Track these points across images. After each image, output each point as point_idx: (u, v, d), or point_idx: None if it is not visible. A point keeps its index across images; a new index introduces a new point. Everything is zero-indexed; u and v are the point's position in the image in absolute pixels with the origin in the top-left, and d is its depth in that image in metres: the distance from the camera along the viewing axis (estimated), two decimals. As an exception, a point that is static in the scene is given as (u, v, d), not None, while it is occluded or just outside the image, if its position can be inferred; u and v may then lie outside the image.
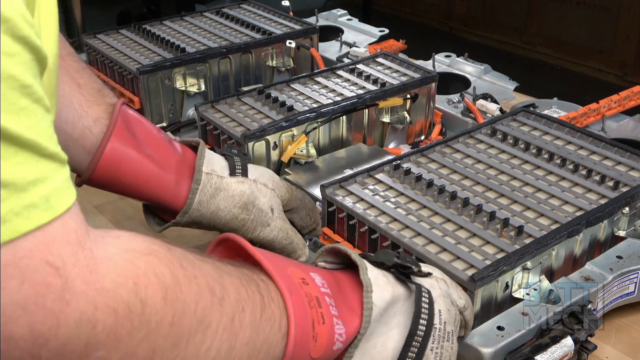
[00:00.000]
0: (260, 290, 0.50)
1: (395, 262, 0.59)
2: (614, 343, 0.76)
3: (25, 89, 0.37)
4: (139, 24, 1.34)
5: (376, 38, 1.49)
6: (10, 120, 0.36)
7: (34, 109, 0.38)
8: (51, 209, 0.38)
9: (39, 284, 0.37)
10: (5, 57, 0.36)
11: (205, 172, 0.75)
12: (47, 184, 0.38)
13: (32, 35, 0.38)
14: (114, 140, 0.72)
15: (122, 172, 0.73)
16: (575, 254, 0.79)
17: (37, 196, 0.37)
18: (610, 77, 3.44)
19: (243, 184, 0.77)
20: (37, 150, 0.37)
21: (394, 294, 0.58)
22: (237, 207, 0.76)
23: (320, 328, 0.52)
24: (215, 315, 0.46)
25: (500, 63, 1.44)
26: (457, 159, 0.92)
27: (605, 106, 1.14)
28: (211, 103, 1.05)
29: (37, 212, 0.37)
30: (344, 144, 1.07)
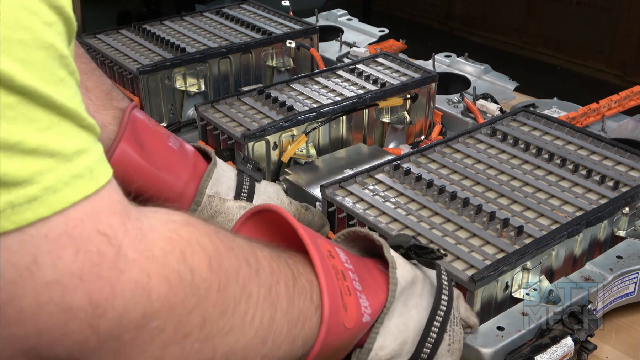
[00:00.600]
0: (289, 265, 0.51)
1: (413, 242, 0.60)
2: (614, 343, 0.76)
3: (63, 60, 0.37)
4: (139, 24, 1.34)
5: (376, 38, 1.49)
6: (54, 90, 0.35)
7: (69, 80, 0.38)
8: (95, 179, 0.37)
9: (93, 253, 0.36)
10: (44, 25, 0.36)
11: (208, 194, 0.74)
12: (89, 155, 0.37)
13: (66, 5, 0.38)
14: (121, 149, 0.71)
15: (127, 181, 0.72)
16: (575, 254, 0.79)
17: (82, 166, 0.37)
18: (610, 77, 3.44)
19: (245, 209, 0.75)
20: (77, 121, 0.37)
21: (414, 275, 0.59)
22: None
23: (348, 299, 0.52)
24: (254, 285, 0.46)
25: (500, 63, 1.44)
26: (457, 159, 0.92)
27: (605, 106, 1.14)
28: (211, 103, 1.05)
29: (84, 182, 0.36)
30: (344, 144, 1.07)
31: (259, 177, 0.81)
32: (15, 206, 0.33)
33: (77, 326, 0.36)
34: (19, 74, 0.34)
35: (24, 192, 0.34)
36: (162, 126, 0.79)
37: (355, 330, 0.53)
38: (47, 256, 0.35)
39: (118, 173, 0.71)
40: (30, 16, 0.35)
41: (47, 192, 0.35)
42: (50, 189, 0.35)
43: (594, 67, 3.51)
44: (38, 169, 0.34)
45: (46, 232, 0.35)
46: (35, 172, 0.34)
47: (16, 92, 0.33)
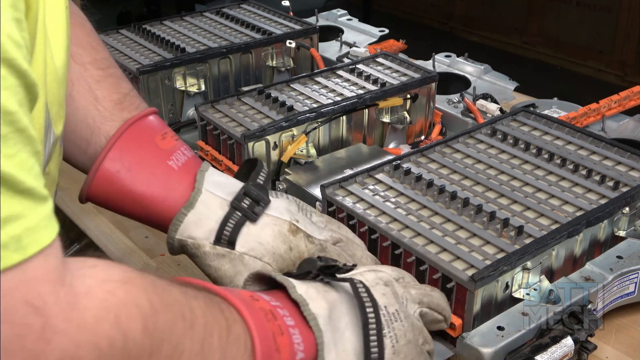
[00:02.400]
0: (224, 313, 0.50)
1: (320, 265, 0.58)
2: (614, 343, 0.76)
3: (7, 116, 0.35)
4: (139, 24, 1.34)
5: (376, 38, 1.49)
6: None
7: (14, 137, 0.36)
8: (22, 249, 0.36)
9: (17, 325, 0.35)
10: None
11: (178, 238, 0.68)
12: (20, 223, 0.36)
13: (19, 58, 0.36)
14: (103, 169, 0.68)
15: (112, 202, 0.70)
16: (575, 254, 0.79)
17: (7, 236, 0.35)
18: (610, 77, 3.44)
19: (223, 257, 0.67)
20: (11, 185, 0.35)
21: (328, 301, 0.57)
22: (212, 277, 0.69)
23: (281, 339, 0.52)
24: (187, 341, 0.46)
25: (500, 63, 1.44)
26: (457, 159, 0.92)
27: (605, 106, 1.14)
28: (211, 103, 1.05)
29: (7, 253, 0.35)
30: (344, 144, 1.07)
31: (256, 212, 0.69)
32: None
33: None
34: None
35: None
36: (174, 136, 0.73)
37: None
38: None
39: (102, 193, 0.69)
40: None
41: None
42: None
43: (594, 67, 3.51)
44: None
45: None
46: None
47: None
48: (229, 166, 0.98)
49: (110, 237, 0.99)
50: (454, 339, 0.70)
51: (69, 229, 1.06)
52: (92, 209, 1.03)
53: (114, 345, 0.40)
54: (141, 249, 0.96)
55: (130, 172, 0.69)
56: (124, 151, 0.69)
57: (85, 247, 1.06)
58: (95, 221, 1.02)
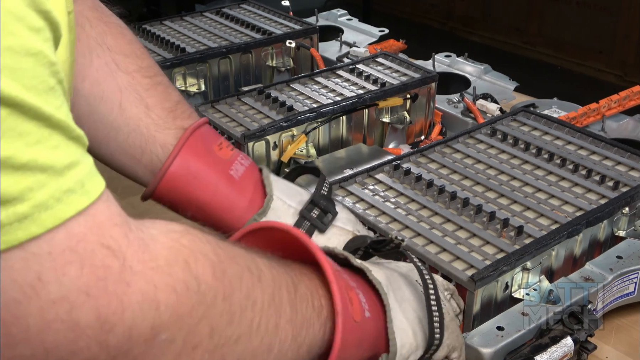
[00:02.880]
0: (288, 272, 0.50)
1: (369, 240, 0.60)
2: (614, 343, 0.76)
3: (52, 67, 0.36)
4: (139, 24, 1.34)
5: (376, 38, 1.49)
6: (43, 100, 0.34)
7: (58, 89, 0.36)
8: (87, 193, 0.36)
9: (98, 267, 0.35)
10: (32, 31, 0.34)
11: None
12: (80, 168, 0.36)
13: (52, 10, 0.36)
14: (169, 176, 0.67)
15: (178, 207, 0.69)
16: (575, 254, 0.79)
17: (73, 180, 0.35)
18: (610, 77, 3.44)
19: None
20: (67, 133, 0.36)
21: (384, 274, 0.58)
22: None
23: (352, 294, 0.52)
24: (257, 292, 0.46)
25: (500, 63, 1.44)
26: (457, 159, 0.92)
27: (605, 106, 1.14)
28: (211, 103, 1.05)
29: (76, 197, 0.35)
30: (344, 144, 1.07)
31: (322, 227, 0.70)
32: (5, 225, 0.32)
33: (86, 343, 0.35)
34: (7, 84, 0.32)
35: (14, 210, 0.33)
36: (229, 145, 0.73)
37: (362, 326, 0.52)
38: (51, 273, 0.34)
39: (166, 196, 0.68)
40: (17, 22, 0.34)
41: (38, 209, 0.33)
42: (42, 205, 0.34)
43: (594, 67, 3.51)
44: (29, 185, 0.33)
45: (49, 249, 0.34)
46: (26, 189, 0.33)
47: (4, 104, 0.32)
48: (229, 166, 0.98)
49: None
50: (454, 339, 0.70)
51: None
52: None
53: (189, 288, 0.40)
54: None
55: (196, 180, 0.69)
56: (188, 158, 0.69)
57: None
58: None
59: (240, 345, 0.43)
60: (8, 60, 0.33)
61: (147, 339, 0.37)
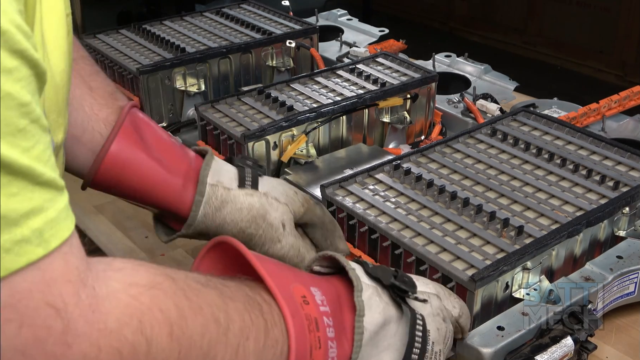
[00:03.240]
0: (264, 315, 0.49)
1: (392, 282, 0.58)
2: (614, 343, 0.76)
3: (23, 108, 0.35)
4: (139, 24, 1.34)
5: (376, 38, 1.49)
6: (7, 145, 0.33)
7: (31, 129, 0.35)
8: (45, 243, 0.35)
9: (38, 327, 0.35)
10: (2, 73, 0.34)
11: (210, 183, 0.71)
12: (42, 216, 0.35)
13: (29, 48, 0.36)
14: (120, 141, 0.69)
15: (128, 174, 0.70)
16: (576, 254, 0.79)
17: (30, 230, 0.34)
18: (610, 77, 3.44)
19: (252, 196, 0.72)
20: (32, 178, 0.35)
21: (385, 317, 0.57)
22: (245, 221, 0.71)
23: (317, 353, 0.51)
24: (220, 347, 0.45)
25: (500, 63, 1.44)
26: (457, 159, 0.92)
27: (605, 106, 1.14)
28: (211, 103, 1.05)
29: (30, 248, 0.34)
30: (344, 144, 1.07)
31: (261, 170, 0.77)
32: None
33: None
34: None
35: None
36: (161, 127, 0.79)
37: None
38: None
39: (116, 167, 0.69)
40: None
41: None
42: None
43: (594, 67, 3.51)
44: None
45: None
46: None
47: None
48: (229, 166, 0.98)
49: (110, 237, 0.99)
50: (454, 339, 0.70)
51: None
52: (92, 209, 1.03)
53: (137, 351, 0.39)
54: (141, 249, 0.96)
55: (143, 142, 0.71)
56: (134, 125, 0.71)
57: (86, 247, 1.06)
58: (95, 221, 1.02)
59: None
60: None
61: None
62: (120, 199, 0.75)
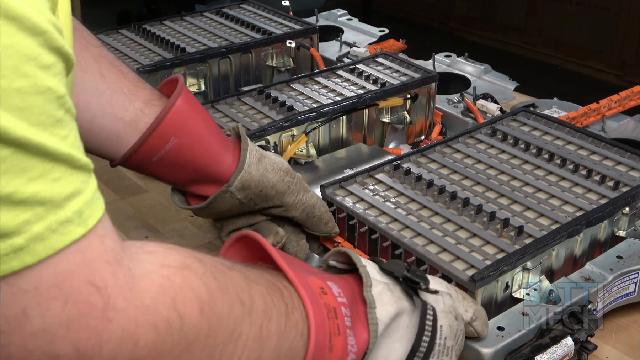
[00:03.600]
0: (284, 299, 0.51)
1: (405, 275, 0.59)
2: (614, 343, 0.76)
3: (60, 100, 0.37)
4: (139, 24, 1.34)
5: (376, 38, 1.49)
6: (48, 135, 0.36)
7: (67, 119, 0.38)
8: (84, 222, 0.38)
9: (82, 304, 0.37)
10: (42, 70, 0.36)
11: (250, 143, 0.78)
12: (81, 197, 0.38)
13: (65, 45, 0.38)
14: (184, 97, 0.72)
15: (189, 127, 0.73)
16: (576, 254, 0.79)
17: (72, 211, 0.37)
18: (610, 77, 3.44)
19: (279, 157, 0.81)
20: (71, 163, 0.37)
21: (398, 309, 0.58)
22: (282, 170, 0.79)
23: (336, 339, 0.53)
24: (245, 325, 0.47)
25: (500, 63, 1.44)
26: (457, 159, 0.92)
27: (606, 106, 1.14)
28: (211, 103, 1.05)
29: (72, 228, 0.37)
30: (344, 144, 1.07)
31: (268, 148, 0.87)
32: (2, 256, 0.34)
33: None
34: (13, 125, 0.34)
35: (11, 242, 0.34)
36: None
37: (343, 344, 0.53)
38: (36, 307, 0.36)
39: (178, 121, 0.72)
40: (29, 63, 0.35)
41: (33, 241, 0.35)
42: (37, 237, 0.35)
43: (594, 67, 3.51)
44: (27, 218, 0.35)
45: (36, 284, 0.35)
46: (24, 222, 0.34)
47: (9, 144, 0.34)
48: (229, 166, 0.98)
49: (110, 237, 0.99)
50: (454, 339, 0.70)
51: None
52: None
53: (171, 326, 0.41)
54: (141, 249, 0.96)
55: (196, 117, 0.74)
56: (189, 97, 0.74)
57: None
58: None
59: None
60: (18, 100, 0.34)
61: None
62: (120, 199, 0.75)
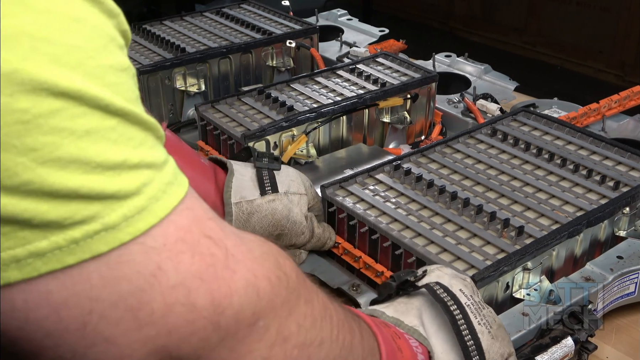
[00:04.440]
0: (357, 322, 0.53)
1: (395, 285, 0.61)
2: (614, 343, 0.76)
3: (134, 78, 0.40)
4: (139, 24, 1.34)
5: (376, 38, 1.49)
6: (138, 108, 0.38)
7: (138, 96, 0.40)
8: (181, 183, 0.40)
9: (207, 255, 0.39)
10: (121, 50, 0.39)
11: (234, 202, 0.78)
12: (170, 162, 0.40)
13: (127, 29, 0.41)
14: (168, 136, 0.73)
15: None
16: (576, 254, 0.78)
17: (170, 174, 0.39)
18: (610, 77, 3.44)
19: (274, 202, 0.80)
20: (156, 133, 0.39)
21: (416, 309, 0.60)
22: (271, 225, 0.79)
23: (400, 342, 0.55)
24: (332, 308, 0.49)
25: (500, 63, 1.44)
26: (457, 159, 0.92)
27: (606, 106, 1.14)
28: (211, 103, 1.05)
29: (175, 188, 0.39)
30: (344, 144, 1.07)
31: (277, 166, 0.84)
32: (128, 218, 0.36)
33: (202, 324, 0.38)
34: (113, 98, 0.36)
35: (134, 203, 0.36)
36: None
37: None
38: (168, 262, 0.37)
39: None
40: (112, 43, 0.38)
41: (151, 201, 0.37)
42: (154, 197, 0.37)
43: (594, 67, 3.51)
44: (143, 181, 0.37)
45: (164, 241, 0.37)
46: (141, 185, 0.37)
47: (114, 114, 0.36)
48: (229, 166, 0.98)
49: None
50: (454, 339, 0.70)
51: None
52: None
53: (281, 281, 0.43)
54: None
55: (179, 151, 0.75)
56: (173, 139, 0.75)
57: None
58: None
59: (323, 349, 0.46)
60: (112, 77, 0.37)
61: (250, 323, 0.40)
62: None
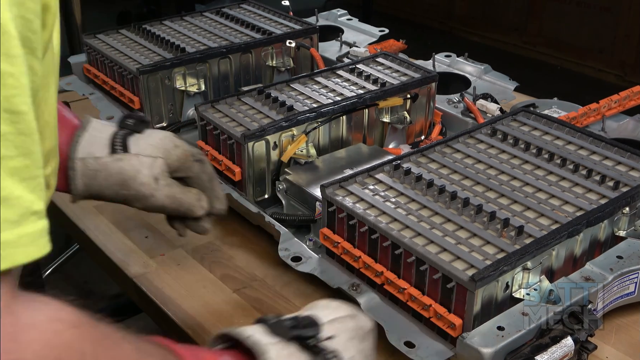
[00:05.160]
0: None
1: (292, 335, 0.57)
2: (614, 343, 0.76)
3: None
4: (139, 24, 1.34)
5: (376, 38, 1.49)
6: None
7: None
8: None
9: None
10: None
11: (79, 157, 0.76)
12: None
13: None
14: None
15: None
16: (576, 254, 0.79)
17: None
18: (610, 77, 3.44)
19: (122, 161, 0.77)
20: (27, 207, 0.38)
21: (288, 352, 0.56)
22: (117, 184, 0.77)
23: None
24: None
25: (500, 63, 1.44)
26: (457, 159, 0.92)
27: (606, 106, 1.14)
28: (211, 103, 1.05)
29: None
30: (344, 144, 1.07)
31: (140, 128, 0.81)
32: None
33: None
34: None
35: None
36: None
37: None
38: None
39: None
40: None
41: None
42: None
43: (594, 67, 3.51)
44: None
45: None
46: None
47: None
48: (228, 166, 0.98)
49: (110, 237, 0.99)
50: (454, 339, 0.70)
51: (69, 229, 1.06)
52: (92, 209, 1.03)
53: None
54: (141, 249, 0.96)
55: None
56: None
57: (85, 247, 1.06)
58: (95, 221, 1.02)
59: None
60: None
61: None
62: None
